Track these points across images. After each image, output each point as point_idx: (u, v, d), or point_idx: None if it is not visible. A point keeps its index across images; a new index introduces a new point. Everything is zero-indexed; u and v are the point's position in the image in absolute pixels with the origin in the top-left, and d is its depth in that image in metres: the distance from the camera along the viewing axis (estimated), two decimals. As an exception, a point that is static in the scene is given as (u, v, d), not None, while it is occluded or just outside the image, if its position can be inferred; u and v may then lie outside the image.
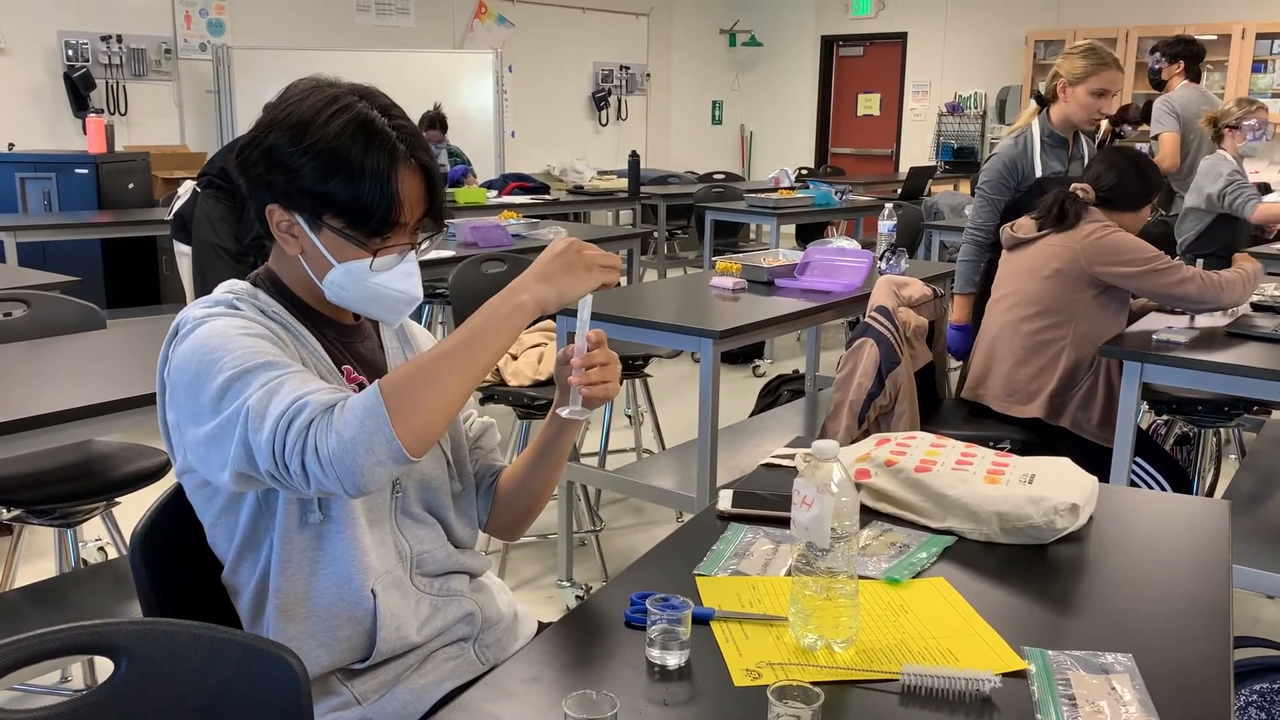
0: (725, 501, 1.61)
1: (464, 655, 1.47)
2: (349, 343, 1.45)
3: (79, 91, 7.20)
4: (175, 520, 1.42)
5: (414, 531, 1.46)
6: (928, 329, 3.21)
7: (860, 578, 1.38)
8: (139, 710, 1.05)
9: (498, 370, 3.38)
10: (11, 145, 6.68)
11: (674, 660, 1.16)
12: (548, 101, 10.19)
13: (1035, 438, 3.00)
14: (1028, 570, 1.45)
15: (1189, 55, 5.63)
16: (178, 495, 1.40)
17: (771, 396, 4.90)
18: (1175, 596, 1.37)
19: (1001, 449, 3.11)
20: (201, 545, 1.40)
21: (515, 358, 3.46)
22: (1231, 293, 2.93)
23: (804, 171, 9.31)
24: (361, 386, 1.40)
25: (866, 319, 3.12)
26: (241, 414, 1.18)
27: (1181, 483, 2.99)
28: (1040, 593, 1.38)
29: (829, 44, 11.44)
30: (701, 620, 1.26)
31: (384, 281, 1.35)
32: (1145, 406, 3.56)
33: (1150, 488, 2.94)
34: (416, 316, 5.84)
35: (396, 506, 1.44)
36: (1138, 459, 2.86)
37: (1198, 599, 1.36)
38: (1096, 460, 2.88)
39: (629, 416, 4.66)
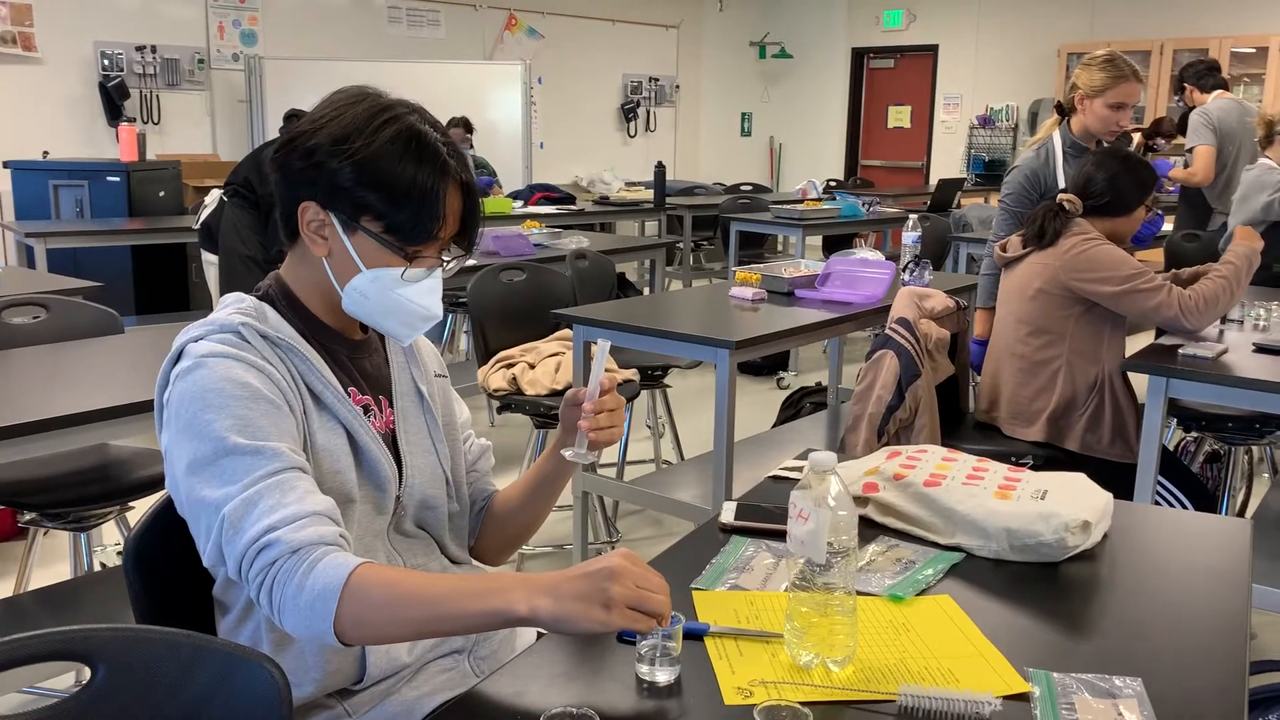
0: (728, 514, 1.58)
1: (458, 667, 1.45)
2: (356, 359, 1.42)
3: (114, 101, 7.29)
4: (170, 529, 1.40)
5: (406, 545, 1.44)
6: (949, 341, 3.16)
7: (862, 594, 1.35)
8: (114, 718, 1.04)
9: (514, 380, 3.37)
10: (46, 153, 6.76)
11: (663, 676, 1.13)
12: (576, 112, 10.21)
13: (1057, 454, 2.94)
14: (1038, 589, 1.40)
15: (1208, 72, 5.57)
16: (172, 504, 1.39)
17: (794, 409, 4.85)
18: (1191, 618, 1.32)
19: (1023, 465, 3.07)
20: (195, 555, 1.38)
21: (533, 367, 3.44)
22: (1213, 309, 2.80)
23: (833, 183, 9.26)
24: (367, 409, 1.39)
25: (887, 330, 3.07)
26: (219, 519, 1.18)
27: (1206, 502, 2.91)
28: (1050, 612, 1.33)
29: (859, 56, 11.39)
30: (696, 635, 1.23)
31: (408, 294, 1.34)
32: (1174, 423, 3.49)
33: (1173, 507, 2.87)
34: (439, 329, 5.85)
35: (391, 526, 1.42)
36: (1160, 478, 2.79)
37: (1214, 622, 1.31)
38: (1115, 478, 2.80)
39: (649, 428, 4.63)
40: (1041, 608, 1.35)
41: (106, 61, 7.34)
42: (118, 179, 6.33)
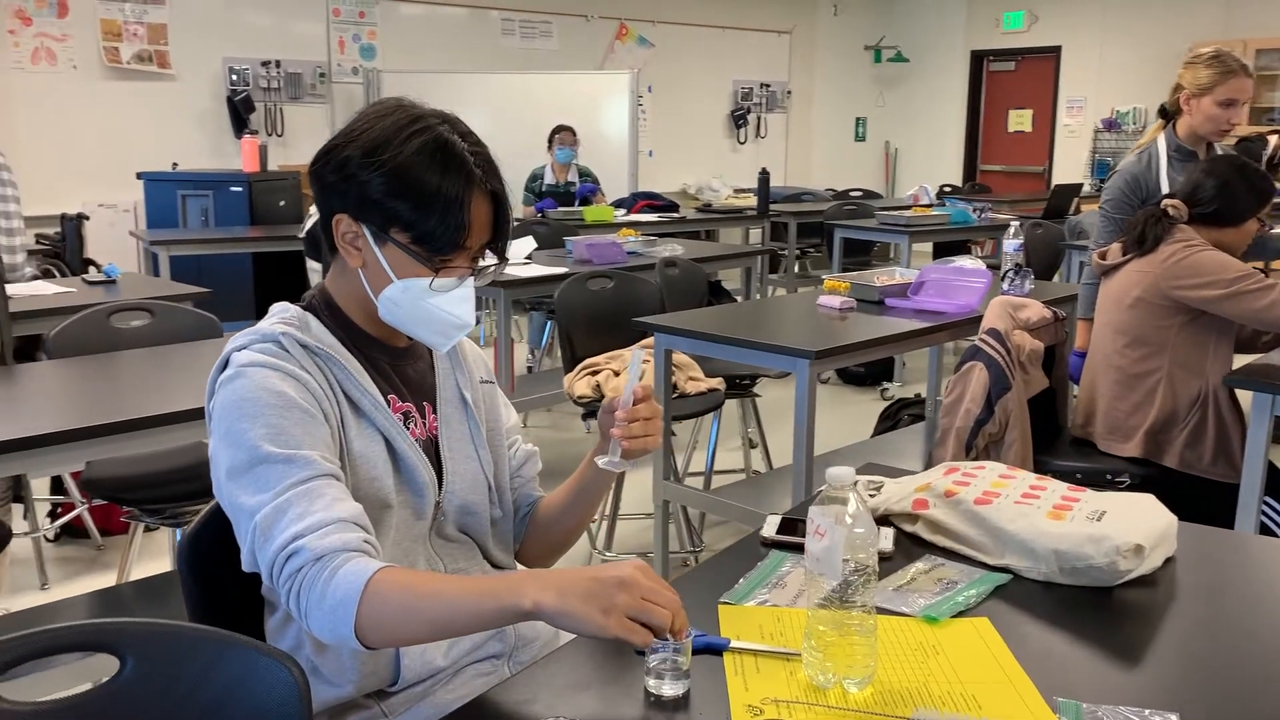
0: (770, 528, 1.56)
1: (496, 671, 1.46)
2: (399, 366, 1.45)
3: (240, 114, 7.62)
4: (221, 530, 1.45)
5: (448, 549, 1.46)
6: (1043, 354, 3.05)
7: (896, 614, 1.31)
8: (138, 710, 1.08)
9: (598, 386, 3.39)
10: (175, 164, 7.11)
11: (670, 690, 1.12)
12: (686, 120, 10.22)
13: (1154, 472, 2.80)
14: (1086, 614, 1.34)
15: None
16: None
17: (891, 421, 4.76)
18: (1248, 656, 1.24)
19: (1119, 483, 2.94)
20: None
21: (617, 374, 3.46)
22: None
23: (947, 189, 9.04)
24: (407, 415, 1.42)
25: (977, 341, 2.99)
26: (252, 526, 1.22)
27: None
28: (1095, 640, 1.27)
29: (979, 59, 11.10)
30: (714, 651, 1.22)
31: (439, 303, 1.35)
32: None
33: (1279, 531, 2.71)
34: (540, 334, 5.92)
35: (432, 530, 1.44)
36: (1268, 499, 2.64)
37: (1273, 661, 1.23)
38: (1217, 499, 2.67)
39: (747, 438, 4.59)
40: (1086, 634, 1.29)
41: (234, 77, 7.68)
42: (240, 189, 6.61)
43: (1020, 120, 10.99)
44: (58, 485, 3.83)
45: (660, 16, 9.89)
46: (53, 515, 3.78)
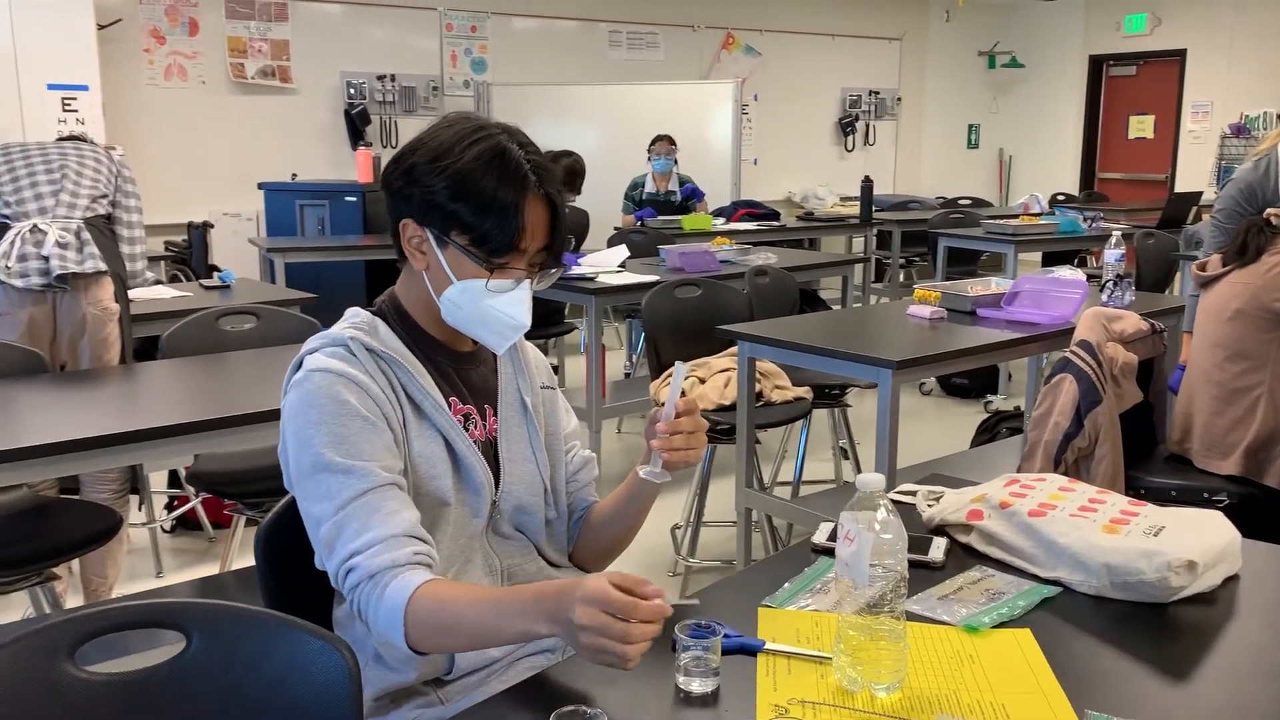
0: (822, 534, 1.57)
1: (551, 663, 1.51)
2: (462, 369, 1.52)
3: (356, 126, 7.90)
4: (295, 522, 1.54)
5: (504, 546, 1.52)
6: (1136, 367, 2.97)
7: (937, 622, 1.32)
8: (203, 684, 1.16)
9: (683, 394, 3.42)
10: (294, 175, 7.41)
11: (698, 687, 1.15)
12: (792, 128, 10.17)
13: (1254, 491, 2.70)
14: (1134, 630, 1.32)
15: None
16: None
17: (989, 434, 4.67)
18: (1302, 674, 1.21)
19: (1216, 502, 2.84)
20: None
21: (703, 381, 3.49)
22: None
23: (1060, 197, 8.80)
24: (467, 417, 1.49)
25: (1067, 353, 2.92)
26: (319, 536, 1.35)
27: None
28: (1141, 657, 1.25)
29: (1098, 63, 10.76)
30: (749, 651, 1.24)
31: (496, 304, 1.42)
32: None
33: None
34: (636, 342, 5.97)
35: (489, 528, 1.50)
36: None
37: (1330, 680, 1.20)
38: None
39: (842, 448, 4.57)
40: (1133, 651, 1.27)
41: (352, 90, 7.96)
42: (355, 199, 6.86)
43: (1141, 126, 10.61)
44: (175, 479, 4.05)
45: (768, 25, 9.87)
46: (169, 508, 4.00)
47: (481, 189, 1.36)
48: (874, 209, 7.63)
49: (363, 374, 1.39)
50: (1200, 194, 7.33)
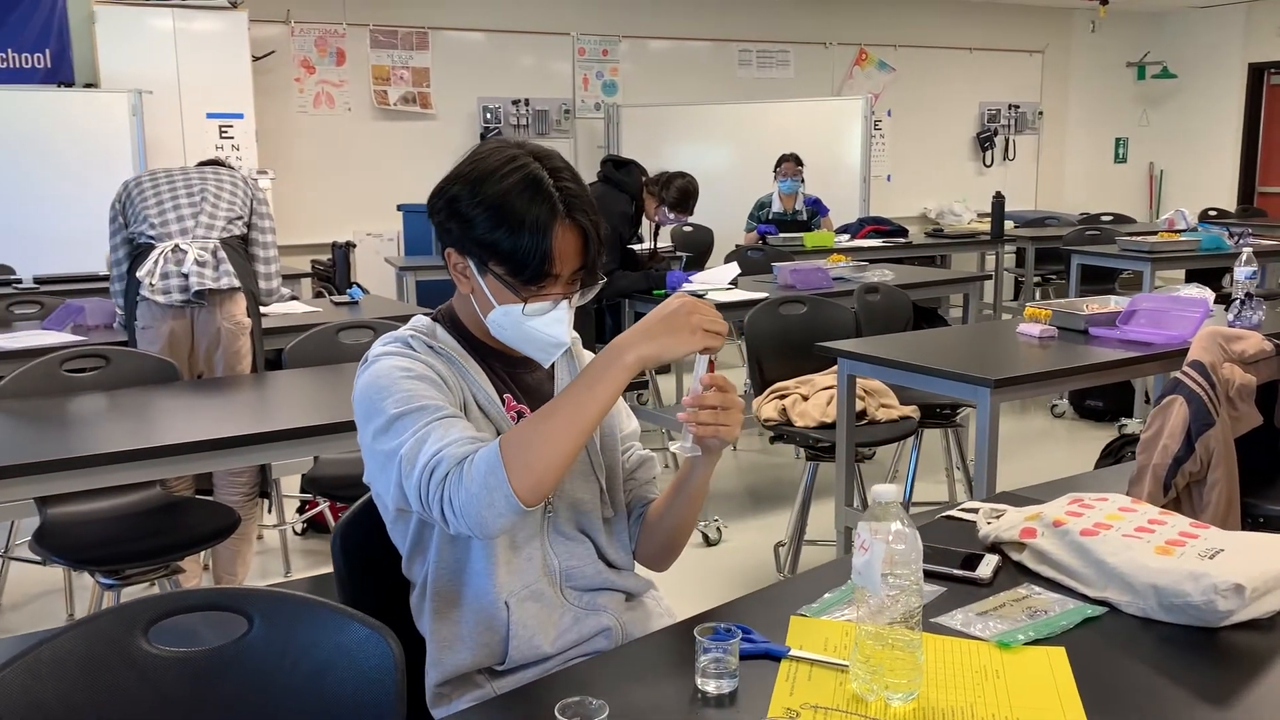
0: (870, 547, 1.58)
1: (600, 662, 1.57)
2: (515, 374, 1.60)
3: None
4: (373, 518, 1.65)
5: (564, 547, 1.58)
6: (1254, 389, 2.84)
7: (970, 637, 1.32)
8: (260, 663, 1.27)
9: (784, 411, 3.44)
10: (432, 197, 7.72)
11: (714, 687, 1.18)
12: (928, 143, 10.00)
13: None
14: (1177, 654, 1.29)
15: None
16: (373, 502, 1.62)
17: (1114, 457, 4.50)
18: (1349, 705, 1.16)
19: (1339, 531, 2.68)
20: (391, 545, 1.60)
21: (805, 399, 3.49)
22: None
23: (1211, 213, 8.38)
24: (520, 415, 1.56)
25: (1178, 374, 2.82)
26: (397, 459, 1.39)
27: None
28: (1180, 681, 1.23)
29: (1258, 72, 10.22)
30: (774, 657, 1.27)
31: (536, 325, 1.50)
32: None
33: None
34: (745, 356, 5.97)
35: (548, 525, 1.57)
36: None
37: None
38: None
39: (951, 469, 4.48)
40: (1171, 675, 1.24)
41: (488, 114, 8.25)
42: (485, 218, 7.09)
43: (1307, 136, 10.01)
44: (308, 484, 4.28)
45: (903, 40, 9.76)
46: (300, 510, 4.23)
47: (513, 220, 1.43)
48: (1011, 225, 7.43)
49: (421, 364, 1.49)
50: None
